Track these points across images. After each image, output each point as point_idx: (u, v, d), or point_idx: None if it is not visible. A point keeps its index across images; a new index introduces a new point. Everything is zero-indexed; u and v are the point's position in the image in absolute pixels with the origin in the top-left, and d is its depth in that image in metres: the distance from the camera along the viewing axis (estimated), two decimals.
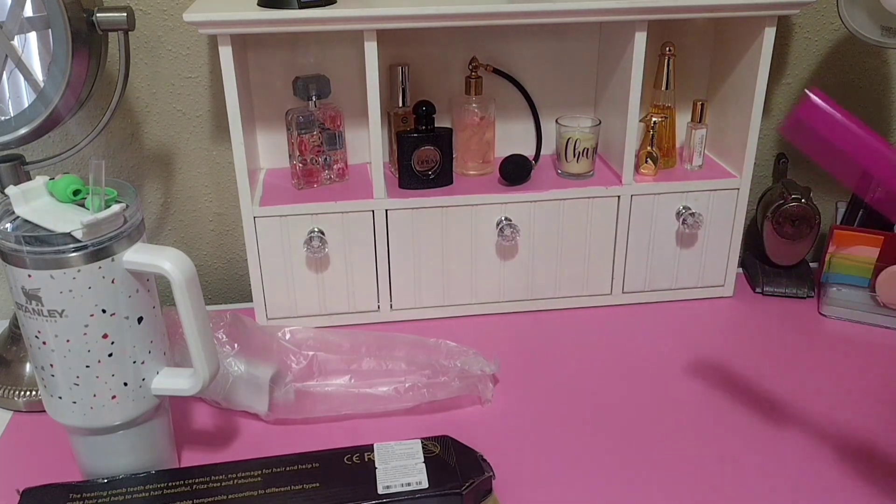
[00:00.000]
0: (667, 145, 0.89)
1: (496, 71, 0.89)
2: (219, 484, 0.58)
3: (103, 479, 0.59)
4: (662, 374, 0.77)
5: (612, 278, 0.89)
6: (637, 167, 0.87)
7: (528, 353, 0.81)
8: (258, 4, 0.73)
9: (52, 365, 0.56)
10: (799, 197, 0.88)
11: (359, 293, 0.86)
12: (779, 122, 1.01)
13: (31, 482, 0.58)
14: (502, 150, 0.89)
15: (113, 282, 0.54)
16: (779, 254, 0.92)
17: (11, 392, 0.74)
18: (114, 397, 0.58)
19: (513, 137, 0.92)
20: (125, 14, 0.70)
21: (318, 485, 0.57)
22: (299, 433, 0.70)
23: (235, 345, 0.71)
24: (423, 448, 0.60)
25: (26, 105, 0.69)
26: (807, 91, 0.47)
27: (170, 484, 0.58)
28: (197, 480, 0.58)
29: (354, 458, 0.60)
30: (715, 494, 0.62)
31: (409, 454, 0.60)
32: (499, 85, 0.90)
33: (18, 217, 0.55)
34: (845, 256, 0.86)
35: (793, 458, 0.66)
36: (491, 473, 0.59)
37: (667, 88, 0.88)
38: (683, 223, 0.86)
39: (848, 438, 0.69)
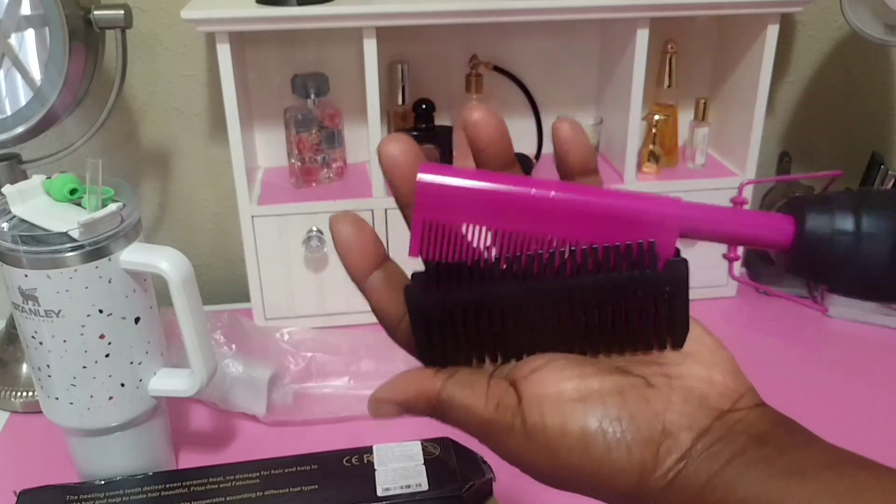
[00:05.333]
0: (669, 143, 0.88)
1: (497, 69, 0.88)
2: (216, 486, 0.57)
3: (100, 480, 0.59)
4: None
5: None
6: (639, 166, 0.86)
7: None
8: (256, 2, 0.72)
9: (48, 365, 0.56)
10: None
11: (358, 293, 0.85)
12: (782, 121, 1.01)
13: (27, 484, 0.58)
14: None
15: (110, 282, 0.54)
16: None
17: (8, 393, 0.73)
18: (111, 398, 0.57)
19: (513, 136, 0.90)
20: (122, 12, 0.69)
21: (316, 487, 0.57)
22: (298, 435, 0.69)
23: (233, 345, 0.70)
24: (422, 450, 0.60)
25: (23, 103, 0.69)
26: (419, 176, 0.30)
27: (167, 485, 0.58)
28: (194, 482, 0.58)
29: (353, 460, 0.59)
30: None
31: (408, 456, 0.59)
32: (499, 83, 0.89)
33: (15, 216, 0.54)
34: None
35: None
36: (491, 475, 0.58)
37: (669, 86, 0.87)
38: None
39: (852, 439, 0.68)
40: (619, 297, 0.30)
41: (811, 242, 0.30)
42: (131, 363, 0.57)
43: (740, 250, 0.83)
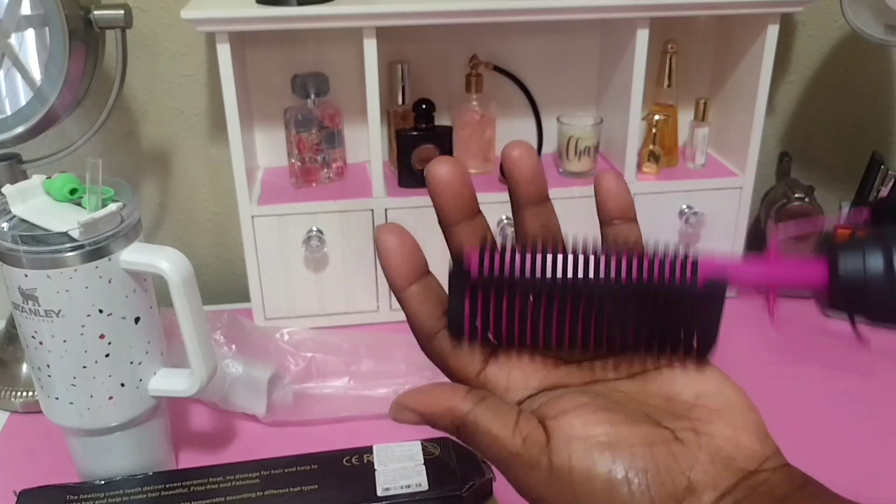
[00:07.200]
0: (669, 144, 0.88)
1: (497, 68, 0.88)
2: (216, 486, 0.57)
3: (100, 480, 0.59)
4: None
5: None
6: (639, 166, 0.86)
7: None
8: (257, 2, 0.72)
9: (48, 365, 0.56)
10: (802, 196, 0.88)
11: (357, 293, 0.85)
12: (782, 121, 1.01)
13: (27, 483, 0.58)
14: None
15: (110, 282, 0.54)
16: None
17: (8, 393, 0.73)
18: (111, 398, 0.57)
19: (513, 135, 0.92)
20: (122, 11, 0.69)
21: (316, 486, 0.57)
22: (298, 435, 0.69)
23: (233, 346, 0.71)
24: (422, 450, 0.60)
25: (23, 103, 0.69)
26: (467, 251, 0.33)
27: (167, 485, 0.58)
28: (194, 482, 0.58)
29: (353, 460, 0.59)
30: None
31: (408, 456, 0.59)
32: (499, 83, 0.89)
33: (15, 216, 0.54)
34: None
35: (797, 460, 0.65)
36: (491, 475, 0.58)
37: (669, 86, 0.87)
38: (686, 222, 0.85)
39: (852, 439, 0.68)
40: (656, 302, 0.32)
41: (845, 284, 0.32)
42: (131, 363, 0.57)
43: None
